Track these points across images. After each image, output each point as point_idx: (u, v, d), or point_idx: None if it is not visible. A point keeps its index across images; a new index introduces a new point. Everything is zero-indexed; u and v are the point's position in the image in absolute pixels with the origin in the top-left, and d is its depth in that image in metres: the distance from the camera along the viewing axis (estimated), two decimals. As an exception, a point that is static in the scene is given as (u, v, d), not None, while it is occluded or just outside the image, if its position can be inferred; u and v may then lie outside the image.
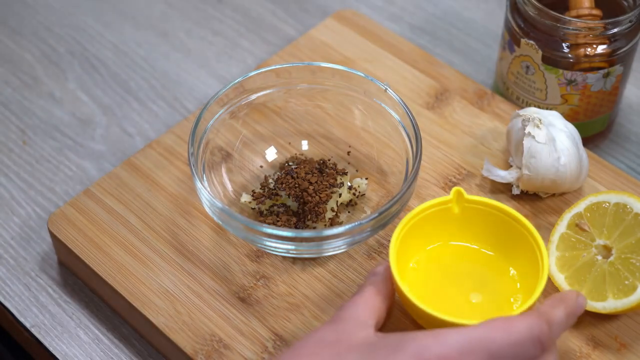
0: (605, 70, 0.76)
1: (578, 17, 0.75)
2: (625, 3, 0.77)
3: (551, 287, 0.70)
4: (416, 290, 0.63)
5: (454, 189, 0.66)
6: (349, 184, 0.75)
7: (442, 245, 0.68)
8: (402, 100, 0.73)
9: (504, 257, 0.67)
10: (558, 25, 0.75)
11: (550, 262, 0.69)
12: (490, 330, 0.56)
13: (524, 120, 0.73)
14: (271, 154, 0.78)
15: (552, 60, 0.76)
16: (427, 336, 0.55)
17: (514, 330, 0.56)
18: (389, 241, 0.73)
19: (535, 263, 0.64)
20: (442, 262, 0.67)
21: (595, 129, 0.82)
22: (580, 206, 0.70)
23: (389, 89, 0.74)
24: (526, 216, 0.74)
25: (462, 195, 0.66)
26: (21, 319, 0.74)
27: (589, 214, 0.70)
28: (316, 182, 0.73)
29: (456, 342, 0.55)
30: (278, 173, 0.76)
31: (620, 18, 0.74)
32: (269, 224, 0.71)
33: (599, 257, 0.68)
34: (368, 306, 0.60)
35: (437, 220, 0.67)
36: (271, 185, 0.75)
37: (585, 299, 0.62)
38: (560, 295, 0.61)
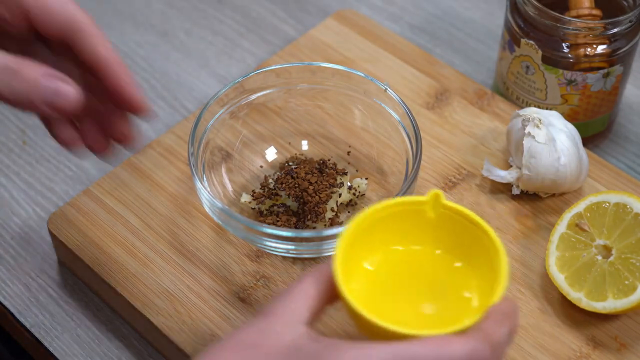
0: (605, 70, 0.76)
1: (578, 17, 0.75)
2: (625, 3, 0.77)
3: (551, 288, 0.70)
4: (364, 294, 0.58)
5: (432, 191, 0.59)
6: (349, 184, 0.75)
7: (406, 249, 0.61)
8: (402, 100, 0.73)
9: (470, 273, 0.59)
10: (558, 25, 0.75)
11: (550, 262, 0.69)
12: (423, 349, 0.49)
13: (524, 120, 0.73)
14: (271, 154, 0.78)
15: (552, 60, 0.76)
16: (352, 349, 0.50)
17: (449, 352, 0.49)
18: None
19: (496, 287, 0.56)
20: (401, 267, 0.60)
21: (595, 129, 0.82)
22: (580, 206, 0.70)
23: (389, 89, 0.74)
24: (526, 216, 0.74)
25: (439, 199, 0.59)
26: (21, 319, 0.74)
27: (589, 214, 0.70)
28: (316, 182, 0.73)
29: (381, 358, 0.49)
30: (278, 173, 0.76)
31: (620, 18, 0.74)
32: (269, 224, 0.71)
33: (599, 257, 0.68)
34: (305, 298, 0.53)
35: (407, 221, 0.60)
36: (271, 185, 0.75)
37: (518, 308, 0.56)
38: (504, 309, 0.53)
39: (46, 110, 0.52)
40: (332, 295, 0.55)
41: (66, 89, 0.53)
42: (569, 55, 0.76)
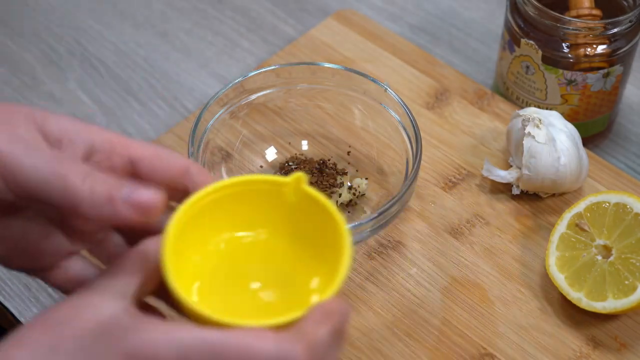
0: (605, 70, 0.76)
1: (578, 17, 0.75)
2: (625, 3, 0.77)
3: (551, 288, 0.70)
4: (199, 276, 0.53)
5: (297, 174, 0.53)
6: (349, 184, 0.75)
7: (258, 231, 0.55)
8: (402, 100, 0.73)
9: (321, 265, 0.54)
10: (558, 25, 0.75)
11: (550, 262, 0.69)
12: (232, 341, 0.46)
13: (524, 120, 0.73)
14: (271, 154, 0.78)
15: (552, 60, 0.76)
16: (159, 330, 0.46)
17: (257, 348, 0.46)
18: (389, 241, 0.73)
19: (331, 283, 0.51)
20: (250, 251, 0.55)
21: (595, 129, 0.82)
22: (580, 206, 0.70)
23: (389, 89, 0.74)
24: (526, 216, 0.74)
25: (300, 183, 0.53)
26: (21, 319, 0.73)
27: (589, 214, 0.70)
28: (316, 182, 0.73)
29: (182, 345, 0.45)
30: (278, 173, 0.76)
31: (620, 18, 0.74)
32: (269, 224, 0.71)
33: (599, 257, 0.68)
34: (134, 270, 0.49)
35: (264, 202, 0.54)
36: (271, 185, 0.74)
37: (349, 308, 0.50)
38: (325, 309, 0.49)
39: (127, 213, 0.48)
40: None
41: (147, 188, 0.49)
42: (569, 55, 0.76)
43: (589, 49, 0.75)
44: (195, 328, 0.46)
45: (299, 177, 0.53)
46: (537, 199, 0.75)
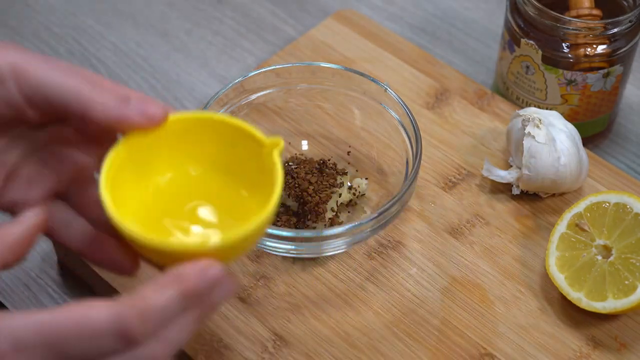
0: (605, 70, 0.76)
1: (578, 17, 0.75)
2: (625, 3, 0.77)
3: (551, 288, 0.70)
4: (144, 206, 0.54)
5: (276, 139, 0.54)
6: (349, 184, 0.75)
7: (208, 170, 0.56)
8: (402, 100, 0.73)
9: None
10: (558, 25, 0.75)
11: (550, 262, 0.69)
12: (62, 321, 0.45)
13: (524, 120, 0.73)
14: (271, 154, 0.78)
15: (552, 60, 0.76)
16: None
17: (89, 322, 0.45)
18: (389, 241, 0.73)
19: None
20: (196, 187, 0.56)
21: (595, 129, 0.82)
22: (580, 206, 0.70)
23: (389, 89, 0.74)
24: (526, 216, 0.74)
25: (274, 148, 0.54)
26: (21, 319, 0.74)
27: (589, 214, 0.70)
28: (316, 182, 0.73)
29: (15, 333, 0.45)
30: (278, 173, 0.76)
31: (620, 18, 0.74)
32: (269, 224, 0.71)
33: (599, 257, 0.68)
34: None
35: (239, 149, 0.55)
36: (271, 185, 0.74)
37: (229, 280, 0.48)
38: (177, 273, 0.47)
39: (136, 118, 0.52)
40: (13, 257, 0.50)
41: (151, 99, 0.53)
42: (569, 55, 0.76)
43: (589, 49, 0.75)
44: (26, 314, 0.45)
45: (278, 142, 0.53)
46: (537, 199, 0.75)
